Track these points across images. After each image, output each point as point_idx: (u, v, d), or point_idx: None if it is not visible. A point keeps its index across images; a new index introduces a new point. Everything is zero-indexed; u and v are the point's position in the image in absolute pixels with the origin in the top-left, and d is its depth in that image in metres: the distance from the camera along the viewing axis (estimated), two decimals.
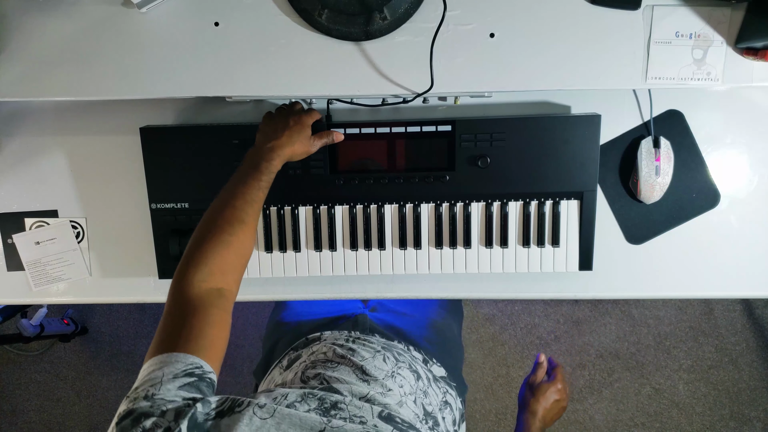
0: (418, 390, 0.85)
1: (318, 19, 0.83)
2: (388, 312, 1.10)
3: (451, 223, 0.99)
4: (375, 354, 0.87)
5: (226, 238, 0.73)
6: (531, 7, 0.83)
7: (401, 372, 0.86)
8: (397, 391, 0.80)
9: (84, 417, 2.24)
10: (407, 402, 0.79)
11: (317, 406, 0.64)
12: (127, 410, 0.53)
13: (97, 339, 2.21)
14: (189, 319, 0.65)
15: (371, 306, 1.12)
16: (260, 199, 0.80)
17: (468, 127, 0.94)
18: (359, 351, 0.87)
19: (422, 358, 0.98)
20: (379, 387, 0.78)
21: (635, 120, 1.01)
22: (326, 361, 0.84)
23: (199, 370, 0.59)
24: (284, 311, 1.16)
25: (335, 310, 1.10)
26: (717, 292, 1.05)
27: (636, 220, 1.03)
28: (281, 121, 0.90)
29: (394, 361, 0.87)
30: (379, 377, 0.80)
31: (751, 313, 2.13)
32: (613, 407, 2.15)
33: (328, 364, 0.82)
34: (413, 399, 0.82)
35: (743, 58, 0.85)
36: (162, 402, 0.54)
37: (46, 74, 0.87)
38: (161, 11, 0.85)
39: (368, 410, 0.67)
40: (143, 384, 0.56)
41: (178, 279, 0.70)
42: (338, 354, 0.85)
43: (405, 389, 0.82)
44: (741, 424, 2.15)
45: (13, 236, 1.07)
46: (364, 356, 0.85)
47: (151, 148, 0.97)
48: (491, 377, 2.15)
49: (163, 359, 0.59)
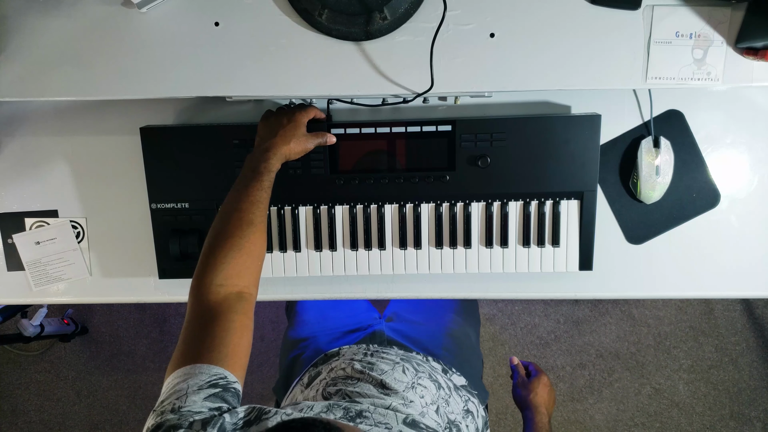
0: (440, 399, 0.85)
1: (318, 19, 0.83)
2: (404, 322, 1.10)
3: (451, 223, 0.99)
4: (394, 366, 0.87)
5: (237, 241, 0.73)
6: (531, 7, 0.83)
7: (422, 382, 0.85)
8: (419, 402, 0.80)
9: (84, 417, 2.24)
10: (429, 412, 0.79)
11: (343, 415, 0.65)
12: (156, 424, 0.54)
13: (97, 339, 2.21)
14: (210, 327, 0.65)
15: (387, 316, 1.12)
16: (264, 199, 0.80)
17: (468, 127, 0.94)
18: (378, 364, 0.86)
19: (441, 368, 0.98)
20: (400, 399, 0.78)
21: (635, 120, 1.01)
22: (346, 378, 0.83)
23: (224, 380, 0.60)
24: (299, 326, 1.16)
25: (351, 322, 1.10)
26: (717, 292, 1.05)
27: (636, 220, 1.03)
28: (276, 120, 0.90)
29: (413, 372, 0.87)
30: (400, 390, 0.80)
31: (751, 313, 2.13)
32: (613, 407, 2.15)
33: (348, 381, 0.82)
34: (435, 408, 0.81)
35: (743, 58, 0.85)
36: (189, 414, 0.55)
37: (46, 74, 0.87)
38: (161, 11, 0.85)
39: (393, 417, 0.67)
40: (169, 397, 0.57)
41: (195, 287, 0.70)
42: (357, 370, 0.85)
43: (426, 399, 0.82)
44: (741, 424, 2.15)
45: (13, 236, 1.07)
46: (384, 369, 0.85)
47: (151, 148, 0.97)
48: (491, 377, 2.15)
49: (186, 371, 0.60)
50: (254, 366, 2.18)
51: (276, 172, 0.85)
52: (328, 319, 1.13)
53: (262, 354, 2.16)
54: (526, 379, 1.08)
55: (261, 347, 2.17)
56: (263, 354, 2.16)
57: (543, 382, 1.06)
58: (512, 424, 2.15)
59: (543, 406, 1.02)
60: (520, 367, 1.12)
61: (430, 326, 1.11)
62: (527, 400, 1.03)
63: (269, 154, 0.84)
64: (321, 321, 1.13)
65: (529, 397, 1.04)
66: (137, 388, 2.21)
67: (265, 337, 2.17)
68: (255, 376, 2.17)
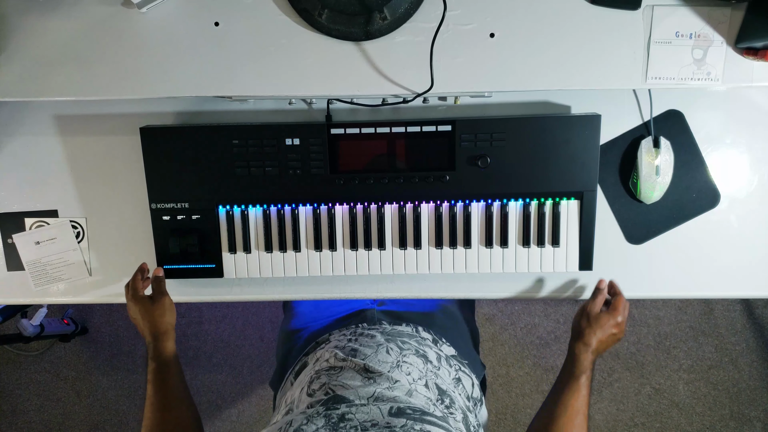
0: (428, 372, 0.85)
1: (318, 19, 0.83)
2: (396, 303, 1.11)
3: (451, 223, 0.99)
4: (377, 348, 0.87)
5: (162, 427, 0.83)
6: (531, 7, 0.83)
7: (407, 359, 0.86)
8: (405, 380, 0.80)
9: (84, 417, 2.24)
10: (417, 388, 0.79)
11: (324, 424, 0.64)
12: None
13: (97, 339, 2.21)
14: None
15: (379, 301, 1.12)
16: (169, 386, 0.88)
17: (468, 127, 0.94)
18: (361, 349, 0.87)
19: (432, 338, 0.99)
20: (385, 381, 0.78)
21: (635, 120, 1.01)
22: (330, 369, 0.84)
23: None
24: (293, 319, 1.16)
25: (343, 309, 1.10)
26: (717, 292, 1.05)
27: (636, 220, 1.03)
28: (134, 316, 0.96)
29: (398, 351, 0.87)
30: (384, 371, 0.80)
31: (751, 313, 2.13)
32: (613, 407, 2.15)
33: (332, 372, 0.82)
34: (424, 383, 0.82)
35: (743, 58, 0.85)
36: None
37: (46, 74, 0.87)
38: (161, 11, 0.85)
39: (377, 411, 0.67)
40: None
41: None
42: (340, 358, 0.85)
43: (413, 375, 0.82)
44: (741, 424, 2.15)
45: (13, 236, 1.07)
46: (367, 353, 0.85)
47: (151, 148, 0.97)
48: (491, 377, 2.15)
49: None
50: (254, 366, 2.18)
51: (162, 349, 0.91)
52: (321, 308, 1.13)
53: (261, 354, 2.17)
54: (595, 310, 0.94)
55: (261, 347, 2.17)
56: (263, 354, 2.16)
57: (611, 323, 0.92)
58: (512, 424, 2.15)
59: (595, 345, 0.91)
60: (601, 293, 0.96)
61: (422, 303, 1.12)
62: (582, 331, 0.92)
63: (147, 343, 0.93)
64: (314, 311, 1.14)
65: (586, 329, 0.92)
66: (137, 388, 2.21)
67: (264, 338, 2.17)
68: (255, 376, 2.17)
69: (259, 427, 2.17)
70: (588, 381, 0.89)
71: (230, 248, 1.00)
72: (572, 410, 0.86)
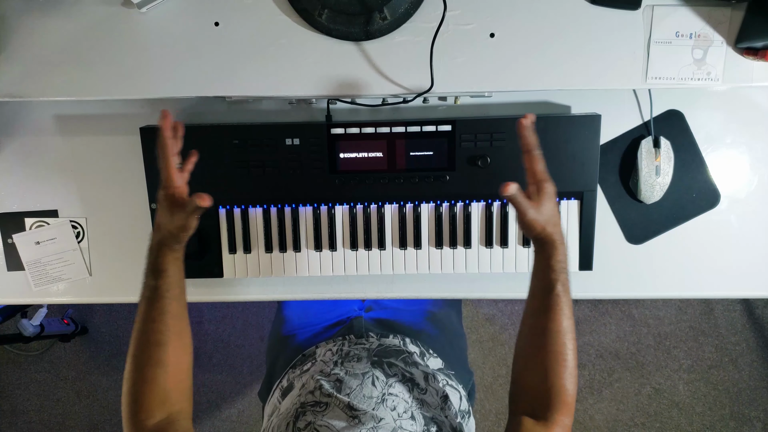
0: (413, 402, 0.84)
1: (318, 19, 0.83)
2: (384, 309, 1.10)
3: (451, 223, 0.99)
4: (363, 380, 0.86)
5: (148, 372, 0.73)
6: (531, 7, 0.83)
7: (392, 390, 0.85)
8: (390, 417, 0.79)
9: (84, 417, 2.24)
10: (402, 424, 0.79)
11: None
12: None
13: (97, 339, 2.21)
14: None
15: (366, 306, 1.12)
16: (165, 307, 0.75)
17: (468, 127, 0.94)
18: (346, 380, 0.85)
19: (419, 351, 0.98)
20: (370, 421, 0.78)
21: (635, 120, 1.01)
22: (315, 404, 0.82)
23: None
24: (281, 325, 1.16)
25: (332, 317, 1.10)
26: (717, 292, 1.05)
27: (636, 220, 1.03)
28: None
29: (383, 381, 0.86)
30: (368, 409, 0.80)
31: (751, 313, 2.13)
32: (613, 407, 2.15)
33: (317, 408, 0.81)
34: (410, 415, 0.81)
35: (743, 58, 0.85)
36: None
37: (46, 74, 0.87)
38: (161, 11, 0.85)
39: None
40: None
41: (125, 426, 0.72)
42: (326, 393, 0.83)
43: (399, 409, 0.82)
44: (741, 424, 2.15)
45: (13, 236, 1.07)
46: (352, 387, 0.84)
47: (151, 148, 0.97)
48: (491, 377, 2.15)
49: None
50: (254, 366, 2.18)
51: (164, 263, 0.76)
52: (310, 314, 1.12)
53: (261, 354, 2.16)
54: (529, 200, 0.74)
55: (261, 347, 2.17)
56: (263, 354, 2.15)
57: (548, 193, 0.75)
58: None
59: (560, 232, 0.75)
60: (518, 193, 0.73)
61: (410, 311, 1.11)
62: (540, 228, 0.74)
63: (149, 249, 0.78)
64: (302, 317, 1.13)
65: (541, 220, 0.74)
66: None
67: (264, 337, 2.17)
68: (255, 376, 2.17)
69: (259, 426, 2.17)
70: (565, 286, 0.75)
71: (230, 248, 1.00)
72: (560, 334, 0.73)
